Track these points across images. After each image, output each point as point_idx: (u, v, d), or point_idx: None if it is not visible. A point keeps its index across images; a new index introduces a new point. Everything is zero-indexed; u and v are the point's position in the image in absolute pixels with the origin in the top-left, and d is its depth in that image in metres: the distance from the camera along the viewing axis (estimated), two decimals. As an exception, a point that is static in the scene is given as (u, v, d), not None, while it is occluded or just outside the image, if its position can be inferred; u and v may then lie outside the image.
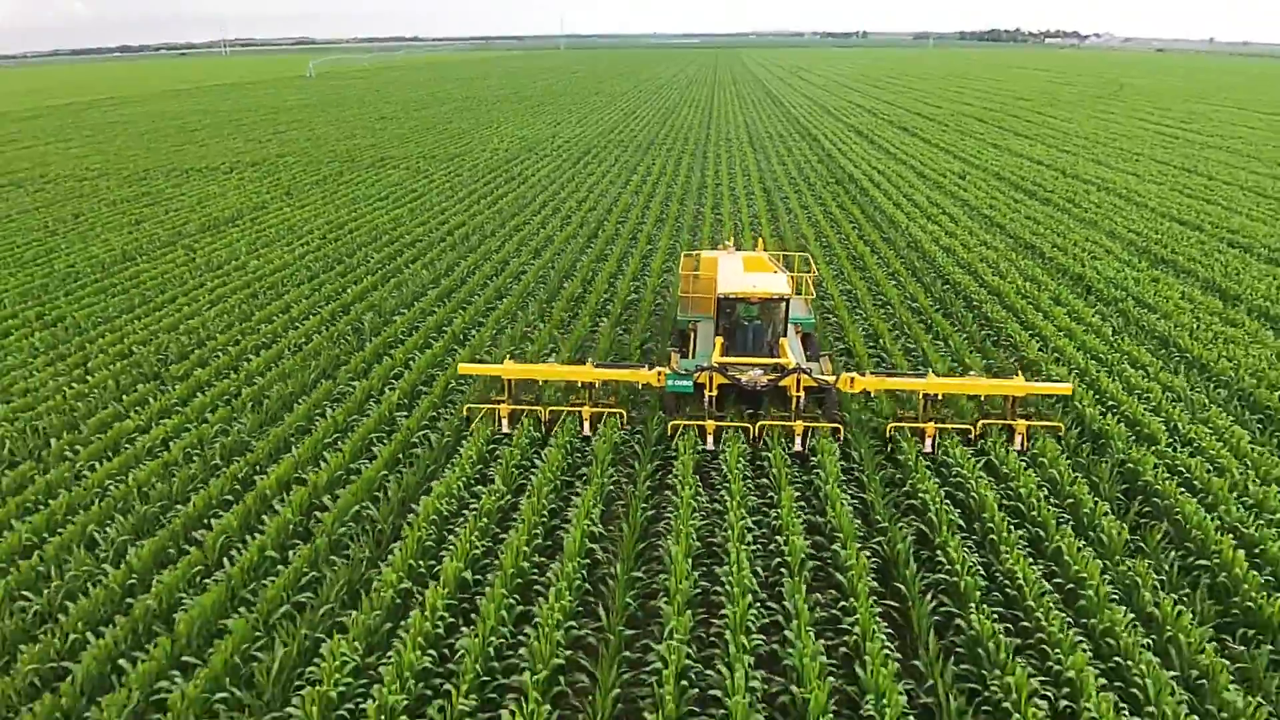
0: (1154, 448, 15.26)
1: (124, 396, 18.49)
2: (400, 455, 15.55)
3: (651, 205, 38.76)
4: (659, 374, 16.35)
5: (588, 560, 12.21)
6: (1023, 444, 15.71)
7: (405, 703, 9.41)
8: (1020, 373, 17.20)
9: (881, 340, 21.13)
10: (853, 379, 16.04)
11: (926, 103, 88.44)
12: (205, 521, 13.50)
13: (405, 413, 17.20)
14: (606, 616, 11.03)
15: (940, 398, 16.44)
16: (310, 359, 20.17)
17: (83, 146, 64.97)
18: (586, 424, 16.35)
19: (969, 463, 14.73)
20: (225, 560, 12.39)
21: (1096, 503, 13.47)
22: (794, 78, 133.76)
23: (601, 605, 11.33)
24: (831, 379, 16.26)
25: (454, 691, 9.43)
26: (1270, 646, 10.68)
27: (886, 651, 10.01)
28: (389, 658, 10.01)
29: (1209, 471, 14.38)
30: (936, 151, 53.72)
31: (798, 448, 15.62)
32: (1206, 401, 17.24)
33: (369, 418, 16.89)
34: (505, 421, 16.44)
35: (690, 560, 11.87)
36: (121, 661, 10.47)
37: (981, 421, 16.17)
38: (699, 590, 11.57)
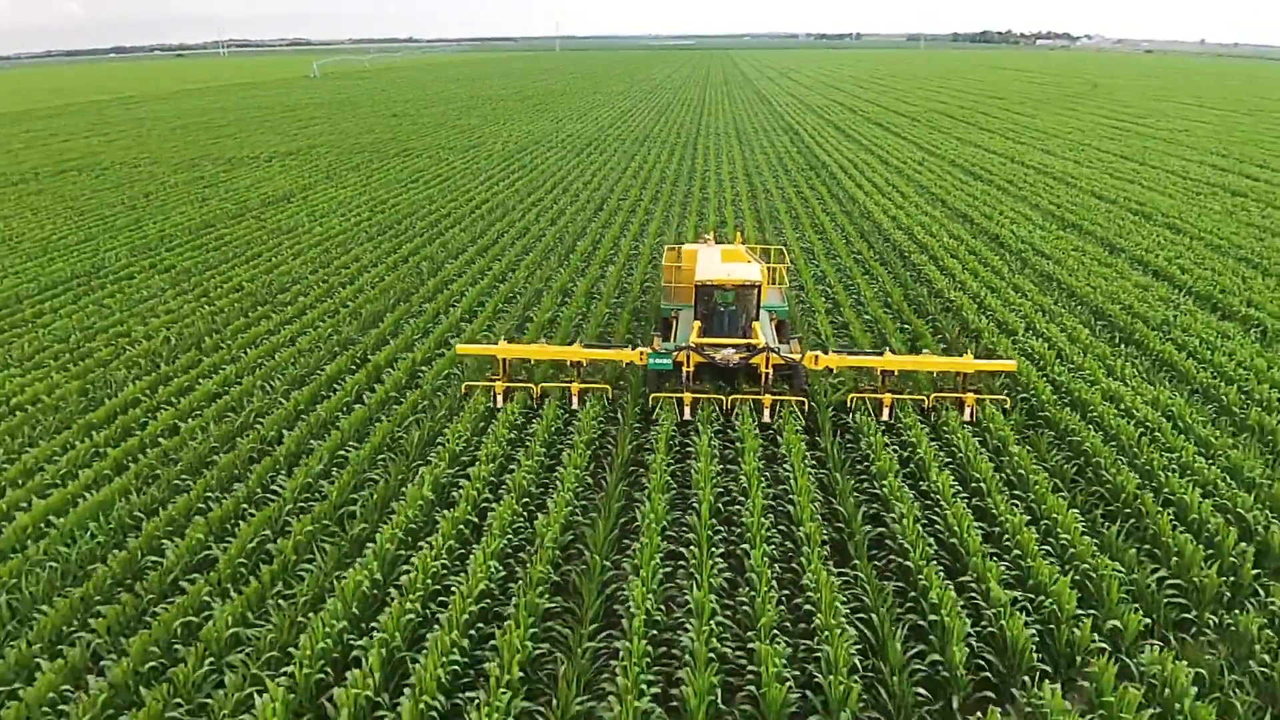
0: (1013, 336, 21.16)
1: (247, 314, 24.31)
2: (452, 363, 21.27)
3: (648, 186, 44.59)
4: (641, 353, 17.93)
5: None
6: (972, 415, 17.10)
7: (500, 452, 15.21)
8: (969, 351, 18.59)
9: (828, 278, 27.02)
10: (816, 357, 17.60)
11: (905, 101, 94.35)
12: (341, 379, 19.30)
13: (468, 321, 23.03)
14: (622, 417, 16.89)
15: (896, 374, 17.97)
16: (387, 290, 26.01)
17: (122, 139, 70.52)
18: (575, 399, 17.77)
19: (865, 338, 20.58)
20: (363, 397, 18.21)
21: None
22: (784, 79, 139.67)
23: (617, 421, 17.22)
24: (797, 356, 17.77)
25: (531, 444, 15.26)
26: (1052, 433, 16.49)
27: (797, 431, 15.85)
28: (484, 439, 15.83)
29: (1046, 348, 20.25)
30: (904, 143, 59.66)
31: (765, 419, 16.99)
32: (1062, 311, 23.16)
33: (442, 324, 22.72)
34: (499, 398, 17.80)
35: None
36: (313, 442, 16.28)
37: (934, 395, 17.66)
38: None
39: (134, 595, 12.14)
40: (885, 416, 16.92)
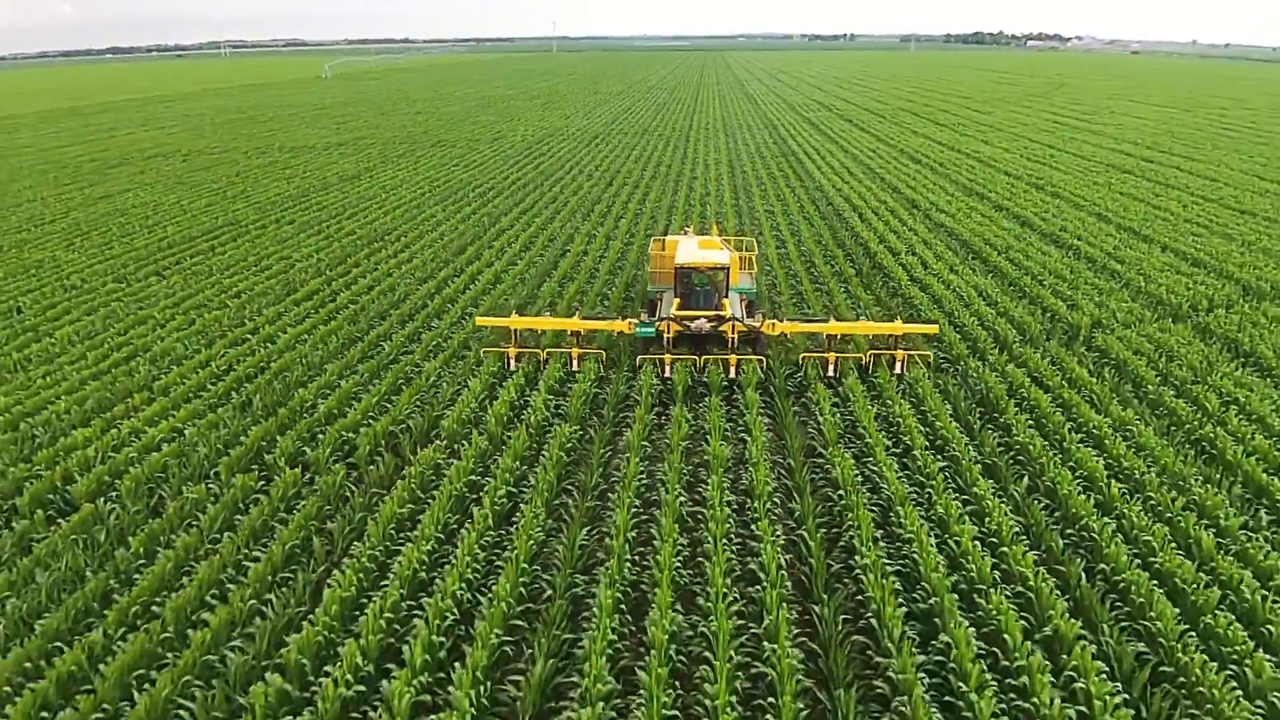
0: (896, 255, 31.18)
1: (368, 247, 34.26)
2: (526, 267, 31.20)
3: (647, 169, 54.54)
4: (630, 323, 21.59)
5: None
6: (901, 368, 20.66)
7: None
8: (899, 317, 22.77)
9: (781, 228, 37.06)
10: (773, 324, 21.21)
11: (878, 101, 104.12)
12: (439, 289, 29.15)
13: (526, 250, 33.00)
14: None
15: (840, 337, 21.47)
16: (462, 234, 36.02)
17: (181, 133, 79.68)
18: (575, 362, 21.35)
19: (806, 272, 30.58)
20: (467, 289, 28.13)
21: (864, 289, 29.27)
22: (772, 80, 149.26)
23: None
24: (757, 324, 21.34)
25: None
26: (900, 299, 26.40)
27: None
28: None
29: (916, 261, 30.22)
30: (866, 136, 69.68)
31: (731, 375, 20.59)
32: (939, 243, 33.18)
33: (507, 253, 32.69)
34: (512, 361, 21.54)
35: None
36: (448, 306, 26.18)
37: (871, 352, 21.21)
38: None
39: (371, 366, 22.05)
40: (830, 372, 20.79)
